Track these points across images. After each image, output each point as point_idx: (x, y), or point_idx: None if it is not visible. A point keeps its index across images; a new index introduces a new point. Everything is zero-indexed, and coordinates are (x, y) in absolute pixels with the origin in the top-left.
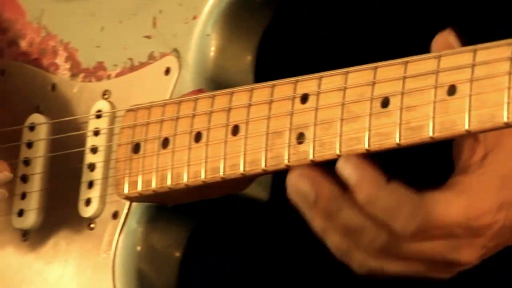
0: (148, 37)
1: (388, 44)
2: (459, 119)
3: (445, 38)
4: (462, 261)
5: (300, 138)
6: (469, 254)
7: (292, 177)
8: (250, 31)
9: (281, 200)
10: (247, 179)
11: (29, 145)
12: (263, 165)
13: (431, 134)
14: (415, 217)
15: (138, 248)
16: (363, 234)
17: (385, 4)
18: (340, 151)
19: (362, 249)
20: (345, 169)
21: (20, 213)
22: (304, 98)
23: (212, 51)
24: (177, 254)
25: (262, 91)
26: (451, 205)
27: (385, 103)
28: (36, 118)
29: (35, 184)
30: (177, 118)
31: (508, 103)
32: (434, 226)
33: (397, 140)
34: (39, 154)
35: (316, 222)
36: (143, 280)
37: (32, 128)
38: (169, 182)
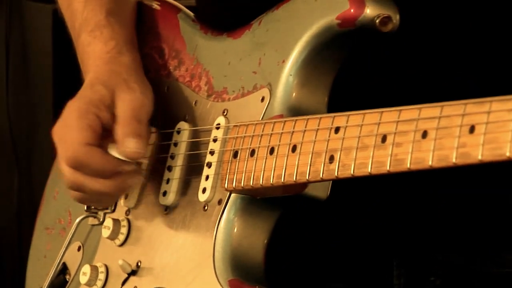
0: (254, 72)
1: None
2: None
3: None
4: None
5: (331, 159)
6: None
7: None
8: (325, 73)
9: (340, 199)
10: (301, 185)
11: (175, 144)
12: (307, 177)
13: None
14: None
15: (234, 230)
16: None
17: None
18: (353, 172)
19: None
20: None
21: (164, 193)
22: (337, 130)
23: (294, 87)
24: (265, 240)
25: (313, 121)
26: None
27: (383, 139)
28: (182, 125)
29: (176, 173)
30: (261, 135)
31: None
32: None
33: (388, 168)
34: (181, 151)
35: None
36: (236, 254)
37: (178, 132)
38: (251, 182)
